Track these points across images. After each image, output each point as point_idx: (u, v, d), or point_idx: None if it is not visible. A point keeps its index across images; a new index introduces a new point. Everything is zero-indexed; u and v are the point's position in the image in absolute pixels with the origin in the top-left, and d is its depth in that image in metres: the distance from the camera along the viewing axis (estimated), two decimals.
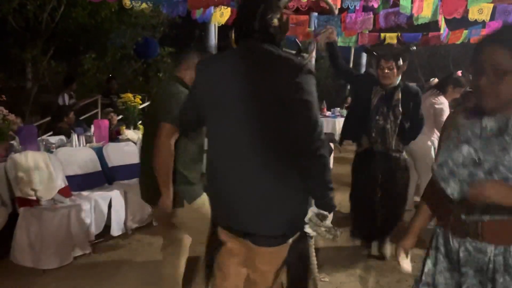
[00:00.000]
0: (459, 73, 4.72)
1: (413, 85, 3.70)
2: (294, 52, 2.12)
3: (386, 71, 3.32)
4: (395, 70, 3.33)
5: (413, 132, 3.47)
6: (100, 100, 7.60)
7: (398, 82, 3.40)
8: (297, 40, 3.73)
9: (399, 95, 3.37)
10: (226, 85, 1.67)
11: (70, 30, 7.96)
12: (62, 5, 7.68)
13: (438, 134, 4.47)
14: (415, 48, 3.67)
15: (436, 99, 4.44)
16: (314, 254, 1.89)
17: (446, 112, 4.41)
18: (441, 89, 4.53)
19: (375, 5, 5.66)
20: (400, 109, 3.35)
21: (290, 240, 1.73)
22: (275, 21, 1.70)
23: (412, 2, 5.38)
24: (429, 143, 4.45)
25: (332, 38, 3.51)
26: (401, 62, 3.36)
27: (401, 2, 5.38)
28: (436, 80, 5.76)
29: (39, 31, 7.66)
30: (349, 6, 5.71)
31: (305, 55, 4.27)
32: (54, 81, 9.03)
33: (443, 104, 4.41)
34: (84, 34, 8.29)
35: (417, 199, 4.87)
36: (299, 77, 1.58)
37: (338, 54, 3.56)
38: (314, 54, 11.83)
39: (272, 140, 1.60)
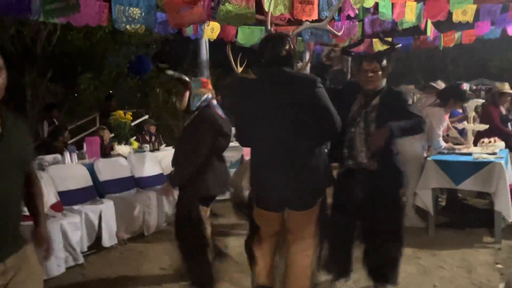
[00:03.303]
0: (464, 86, 4.64)
1: (408, 88, 3.44)
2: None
3: (369, 74, 2.87)
4: (379, 73, 2.88)
5: (405, 131, 2.86)
6: (98, 118, 7.86)
7: (382, 86, 2.95)
8: None
9: (378, 100, 2.91)
10: (266, 98, 2.46)
11: (67, 52, 8.29)
12: (58, 29, 8.00)
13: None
14: (400, 45, 3.42)
15: (433, 111, 4.44)
16: None
17: (439, 128, 4.52)
18: (442, 100, 4.47)
19: (352, 14, 5.85)
20: (374, 115, 2.88)
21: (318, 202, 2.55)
22: (291, 50, 2.49)
23: (392, 8, 5.55)
24: (421, 148, 4.54)
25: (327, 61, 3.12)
26: (385, 63, 2.91)
27: (380, 10, 5.55)
28: (440, 82, 5.74)
29: (37, 55, 7.99)
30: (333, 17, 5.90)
31: (299, 64, 4.48)
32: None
33: (439, 118, 4.47)
34: (80, 55, 8.62)
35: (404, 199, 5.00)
36: (316, 88, 2.40)
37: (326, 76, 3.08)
38: (309, 63, 11.82)
39: (303, 134, 2.41)
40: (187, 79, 3.13)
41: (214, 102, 3.16)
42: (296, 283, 2.62)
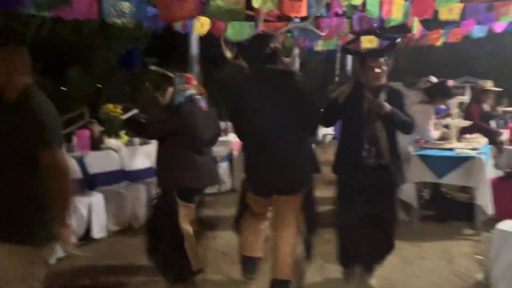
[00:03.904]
0: (450, 82, 4.78)
1: (396, 84, 3.57)
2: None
3: (376, 70, 2.87)
4: (384, 68, 2.91)
5: (400, 124, 2.95)
6: (86, 111, 7.84)
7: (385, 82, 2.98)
8: None
9: (385, 96, 2.93)
10: (252, 94, 2.70)
11: (56, 45, 8.23)
12: (48, 22, 7.94)
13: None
14: (399, 40, 3.37)
15: (423, 108, 4.55)
16: None
17: (428, 124, 4.63)
18: (430, 97, 4.58)
19: (339, 11, 5.93)
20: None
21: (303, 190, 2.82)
22: (275, 48, 2.74)
23: (380, 6, 5.64)
24: (407, 143, 4.60)
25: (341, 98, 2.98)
26: (387, 58, 2.95)
27: (367, 7, 5.64)
28: (433, 78, 5.81)
29: (26, 47, 7.90)
30: (321, 14, 5.95)
31: (287, 59, 4.58)
32: None
33: (428, 115, 4.60)
34: (69, 48, 8.57)
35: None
36: (294, 82, 2.66)
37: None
38: (297, 58, 11.90)
39: (287, 126, 2.63)
40: (170, 74, 3.18)
41: (198, 97, 3.18)
42: (279, 269, 2.83)
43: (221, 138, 6.17)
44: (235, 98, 2.87)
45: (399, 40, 3.12)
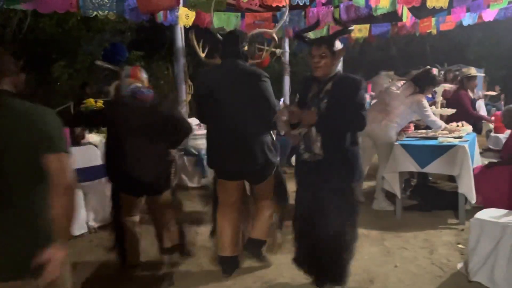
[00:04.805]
0: (434, 70, 4.75)
1: (388, 74, 3.43)
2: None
3: (316, 59, 2.59)
4: (328, 58, 2.59)
5: (347, 126, 2.65)
6: (73, 106, 7.74)
7: (334, 73, 2.68)
8: None
9: (330, 86, 2.64)
10: (220, 86, 2.94)
11: (39, 39, 8.11)
12: (29, 16, 7.82)
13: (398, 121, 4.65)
14: (352, 28, 2.98)
15: (416, 99, 4.53)
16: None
17: (427, 111, 4.61)
18: (420, 87, 4.57)
19: (323, 0, 5.86)
20: (326, 102, 2.63)
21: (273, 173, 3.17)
22: (246, 47, 3.05)
23: None
24: (394, 132, 4.61)
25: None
26: (337, 47, 2.62)
27: None
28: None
29: (7, 42, 7.82)
30: (300, 3, 5.88)
31: (278, 50, 4.44)
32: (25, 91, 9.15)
33: (423, 104, 4.57)
34: (53, 42, 8.45)
35: (373, 183, 5.10)
36: (260, 82, 2.93)
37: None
38: (287, 49, 11.76)
39: (248, 119, 2.91)
40: (114, 68, 3.28)
41: (143, 90, 3.07)
42: (256, 231, 3.27)
43: (203, 132, 6.13)
44: (204, 84, 3.07)
45: (352, 27, 2.92)
